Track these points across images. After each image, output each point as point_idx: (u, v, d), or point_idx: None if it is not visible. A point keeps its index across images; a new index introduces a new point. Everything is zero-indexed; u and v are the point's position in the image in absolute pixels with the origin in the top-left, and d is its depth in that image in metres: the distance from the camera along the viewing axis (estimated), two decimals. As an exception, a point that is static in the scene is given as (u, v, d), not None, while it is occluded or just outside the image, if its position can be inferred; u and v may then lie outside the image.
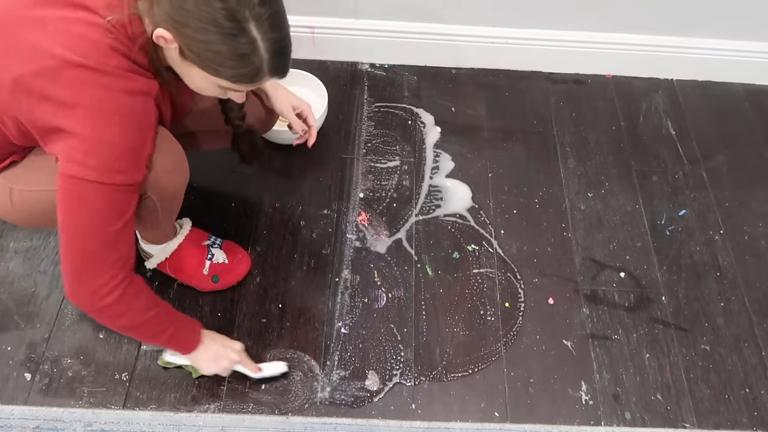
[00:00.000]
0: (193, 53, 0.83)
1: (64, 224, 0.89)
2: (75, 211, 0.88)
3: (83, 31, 0.82)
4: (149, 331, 1.03)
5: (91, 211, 0.88)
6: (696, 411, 1.23)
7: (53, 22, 0.82)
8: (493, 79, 1.77)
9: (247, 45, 0.82)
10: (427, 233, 1.44)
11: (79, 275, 0.91)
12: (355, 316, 1.30)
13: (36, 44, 0.82)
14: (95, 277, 0.91)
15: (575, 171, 1.59)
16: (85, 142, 0.83)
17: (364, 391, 1.21)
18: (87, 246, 0.89)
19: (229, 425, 1.15)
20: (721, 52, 1.75)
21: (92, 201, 0.87)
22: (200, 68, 0.85)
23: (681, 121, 1.72)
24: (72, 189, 0.86)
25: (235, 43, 0.81)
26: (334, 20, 1.68)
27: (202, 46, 0.82)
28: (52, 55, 0.81)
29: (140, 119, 0.88)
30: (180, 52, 0.85)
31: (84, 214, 0.88)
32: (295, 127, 1.29)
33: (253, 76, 0.87)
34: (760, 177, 1.62)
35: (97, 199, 0.87)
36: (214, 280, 1.28)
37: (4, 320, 1.25)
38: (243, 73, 0.85)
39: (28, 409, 1.15)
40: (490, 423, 1.19)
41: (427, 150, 1.60)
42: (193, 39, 0.81)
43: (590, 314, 1.35)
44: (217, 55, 0.82)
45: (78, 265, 0.91)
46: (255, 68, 0.85)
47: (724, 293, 1.40)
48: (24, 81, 0.82)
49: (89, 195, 0.86)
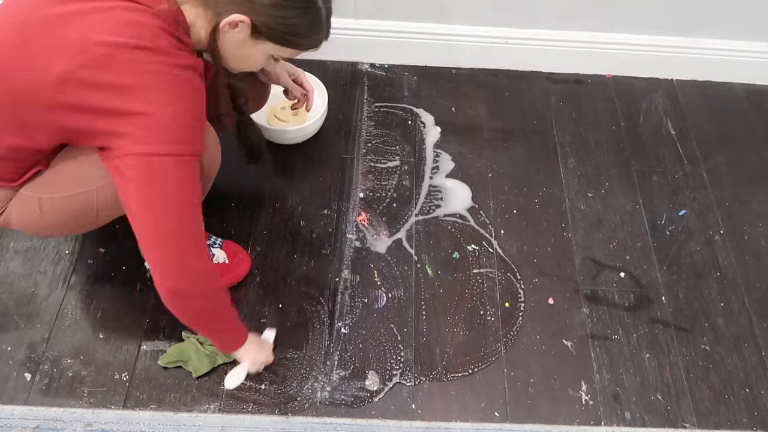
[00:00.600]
0: (272, 30, 0.92)
1: (151, 205, 0.87)
2: (162, 188, 0.87)
3: (128, 16, 0.84)
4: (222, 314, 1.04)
5: (179, 183, 0.88)
6: (696, 411, 1.23)
7: (93, 14, 0.84)
8: (493, 79, 1.78)
9: (317, 14, 0.93)
10: (427, 233, 1.44)
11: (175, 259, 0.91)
12: (355, 316, 1.31)
13: (82, 36, 0.83)
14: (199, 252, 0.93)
15: (575, 171, 1.59)
16: (155, 119, 0.84)
17: (364, 391, 1.21)
18: (182, 220, 0.90)
19: (229, 425, 1.15)
20: (721, 52, 1.75)
21: (176, 174, 0.87)
22: (275, 43, 0.94)
23: (681, 121, 1.72)
24: (152, 167, 0.86)
25: (310, 14, 0.92)
26: (334, 20, 1.64)
27: (283, 22, 0.91)
28: (102, 43, 0.82)
29: (197, 91, 0.91)
30: (252, 31, 0.91)
31: (173, 189, 0.87)
32: (293, 91, 1.33)
33: (317, 43, 0.99)
34: (760, 177, 1.62)
35: (180, 171, 0.87)
36: None
37: (4, 320, 1.25)
38: (315, 40, 0.98)
39: (28, 409, 1.15)
40: (490, 423, 1.19)
41: (427, 150, 1.60)
42: (272, 16, 0.90)
43: (590, 314, 1.35)
44: (296, 28, 0.93)
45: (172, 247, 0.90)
46: (321, 35, 0.97)
47: (724, 293, 1.40)
48: (74, 74, 0.82)
49: (172, 169, 0.86)
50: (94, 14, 0.84)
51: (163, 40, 0.86)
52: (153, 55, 0.84)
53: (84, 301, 1.28)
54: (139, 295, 1.30)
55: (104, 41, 0.82)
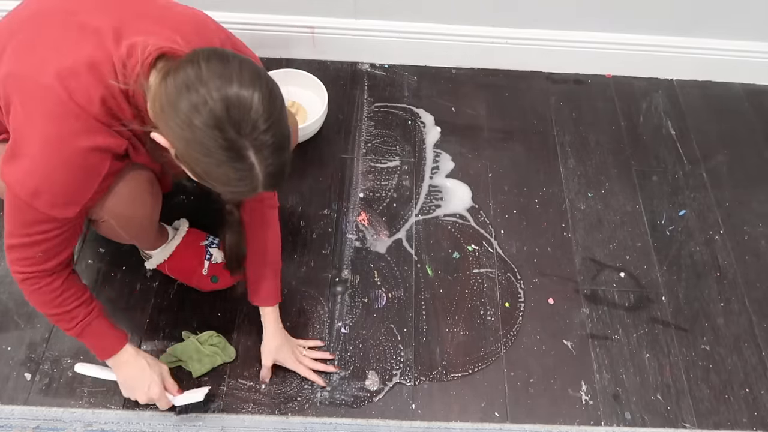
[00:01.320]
0: (189, 166, 0.82)
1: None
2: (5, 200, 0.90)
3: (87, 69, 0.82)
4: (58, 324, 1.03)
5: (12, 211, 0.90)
6: (696, 411, 1.23)
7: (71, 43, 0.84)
8: (493, 79, 1.77)
9: (244, 170, 0.79)
10: (427, 233, 1.44)
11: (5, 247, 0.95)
12: (355, 316, 1.30)
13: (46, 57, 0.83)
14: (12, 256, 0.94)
15: (575, 171, 1.59)
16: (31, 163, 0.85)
17: (364, 391, 1.21)
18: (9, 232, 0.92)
19: (229, 425, 1.15)
20: (721, 52, 1.75)
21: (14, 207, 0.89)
22: (196, 178, 0.84)
23: (681, 121, 1.72)
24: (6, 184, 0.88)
25: (231, 168, 0.78)
26: (334, 20, 1.68)
27: (199, 165, 0.80)
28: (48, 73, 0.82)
29: (88, 172, 0.88)
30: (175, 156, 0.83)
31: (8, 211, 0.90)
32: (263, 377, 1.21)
33: (247, 194, 0.85)
34: (760, 177, 1.62)
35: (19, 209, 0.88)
36: (213, 280, 1.27)
37: (4, 320, 1.25)
38: (236, 191, 0.84)
39: (28, 409, 1.15)
40: (490, 423, 1.19)
41: (427, 150, 1.60)
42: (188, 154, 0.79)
43: (590, 314, 1.35)
44: (212, 175, 0.80)
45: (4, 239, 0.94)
46: (250, 188, 0.82)
47: (724, 293, 1.40)
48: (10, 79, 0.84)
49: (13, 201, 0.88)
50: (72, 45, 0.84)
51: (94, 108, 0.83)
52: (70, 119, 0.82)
53: (84, 301, 1.28)
54: (139, 295, 1.30)
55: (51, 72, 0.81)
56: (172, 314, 1.28)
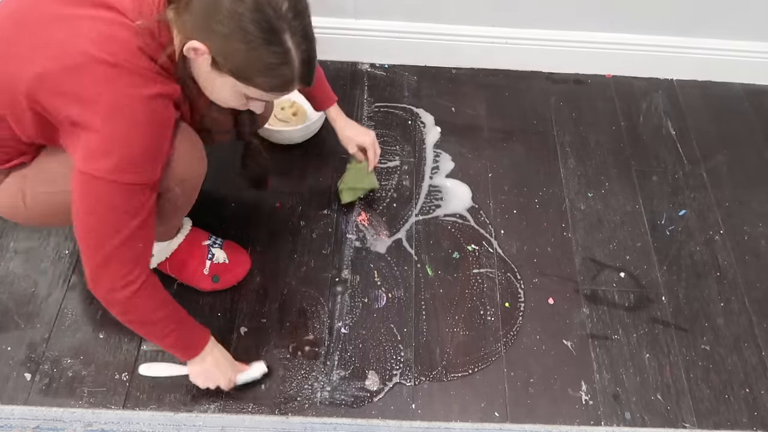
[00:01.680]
0: (229, 62, 0.85)
1: (81, 220, 0.90)
2: (92, 208, 0.88)
3: (113, 30, 0.84)
4: (155, 332, 1.03)
5: (108, 208, 0.88)
6: (696, 411, 1.23)
7: (82, 20, 0.83)
8: (493, 79, 1.77)
9: (282, 54, 0.85)
10: (427, 233, 1.44)
11: (95, 269, 0.92)
12: (355, 316, 1.30)
13: (64, 41, 0.83)
14: (111, 273, 0.92)
15: (575, 171, 1.59)
16: (104, 140, 0.85)
17: (364, 391, 1.21)
18: (103, 242, 0.90)
19: (229, 425, 1.15)
20: (721, 52, 1.75)
21: (108, 198, 0.88)
22: (234, 77, 0.87)
23: (681, 121, 1.72)
24: (89, 186, 0.87)
25: (271, 51, 0.84)
26: (334, 20, 1.68)
27: (240, 55, 0.84)
28: (81, 53, 0.82)
29: (159, 122, 0.89)
30: (213, 63, 0.86)
31: (101, 212, 0.89)
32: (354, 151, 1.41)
33: (284, 85, 0.90)
34: (760, 177, 1.62)
35: (113, 197, 0.88)
36: (214, 279, 1.28)
37: (4, 320, 1.25)
38: (276, 82, 0.88)
39: (28, 409, 1.15)
40: (490, 423, 1.19)
41: (427, 150, 1.60)
42: (229, 48, 0.83)
43: (590, 314, 1.35)
44: (254, 64, 0.85)
45: (95, 260, 0.91)
46: (288, 77, 0.88)
47: (724, 293, 1.40)
48: (49, 77, 0.83)
49: (106, 193, 0.87)
50: (84, 22, 0.83)
51: (141, 60, 0.85)
52: (123, 75, 0.83)
53: (84, 301, 1.28)
54: (139, 295, 1.30)
55: (82, 51, 0.82)
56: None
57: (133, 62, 0.84)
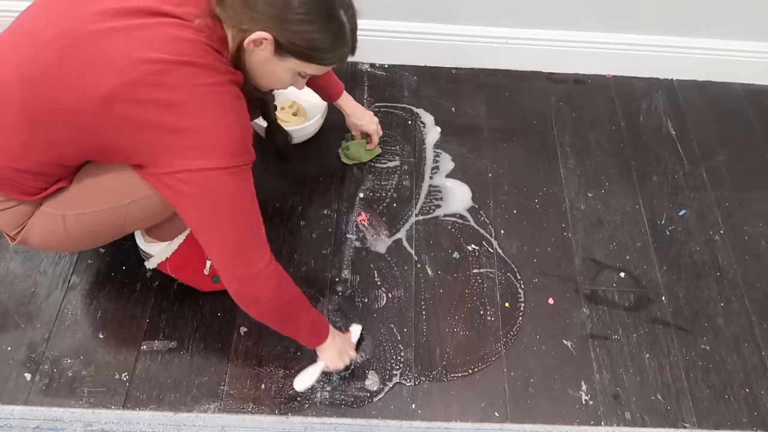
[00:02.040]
0: (295, 46, 0.90)
1: (210, 220, 0.91)
2: (216, 202, 0.90)
3: (175, 33, 0.85)
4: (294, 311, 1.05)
5: (235, 194, 0.91)
6: (696, 411, 1.23)
7: (138, 30, 0.84)
8: (493, 79, 1.78)
9: (340, 28, 0.92)
10: (427, 233, 1.44)
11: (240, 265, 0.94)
12: (355, 316, 1.30)
13: (128, 54, 0.83)
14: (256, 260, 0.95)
15: (575, 171, 1.59)
16: (207, 134, 0.86)
17: (364, 391, 1.21)
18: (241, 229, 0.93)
19: (229, 425, 1.15)
20: (721, 52, 1.75)
21: (232, 186, 0.89)
22: (299, 59, 0.93)
23: (681, 121, 1.72)
24: (208, 181, 0.87)
25: (332, 29, 0.91)
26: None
27: (307, 36, 0.89)
28: (152, 60, 0.82)
29: (241, 104, 0.92)
30: (276, 49, 0.91)
31: (226, 203, 0.90)
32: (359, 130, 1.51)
33: (343, 57, 0.97)
34: (760, 177, 1.62)
35: (235, 183, 0.90)
36: (214, 280, 1.28)
37: (4, 320, 1.25)
38: (337, 56, 0.95)
39: (28, 409, 1.15)
40: (490, 423, 1.19)
41: (427, 150, 1.60)
42: (296, 32, 0.89)
43: (590, 314, 1.35)
44: (320, 43, 0.91)
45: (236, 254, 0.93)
46: (346, 50, 0.96)
47: (724, 293, 1.40)
48: (123, 91, 0.82)
49: (224, 182, 0.88)
50: (139, 31, 0.84)
51: (210, 55, 0.87)
52: (201, 71, 0.85)
53: (84, 301, 1.28)
54: (139, 295, 1.30)
55: (152, 58, 0.82)
56: (172, 314, 1.28)
57: (204, 58, 0.86)
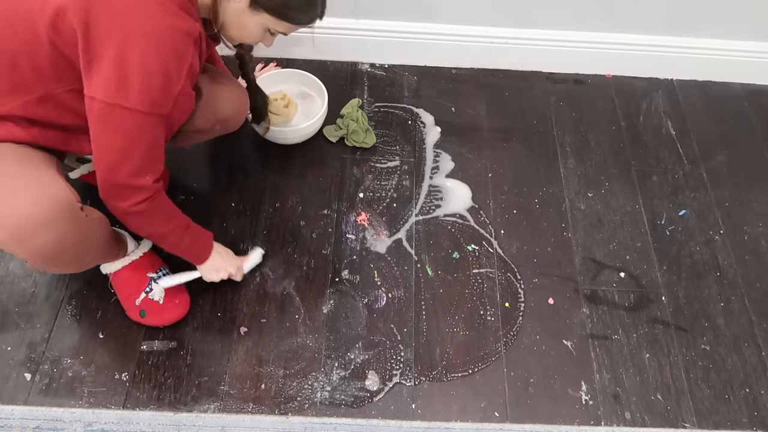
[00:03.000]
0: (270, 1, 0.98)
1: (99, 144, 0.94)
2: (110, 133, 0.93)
3: None
4: (169, 242, 1.13)
5: (124, 134, 0.93)
6: (696, 411, 1.23)
7: None
8: (493, 79, 1.78)
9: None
10: (427, 233, 1.44)
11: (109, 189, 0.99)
12: (355, 316, 1.30)
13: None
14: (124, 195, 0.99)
15: (575, 171, 1.59)
16: (124, 69, 0.87)
17: (364, 391, 1.21)
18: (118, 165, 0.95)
19: (229, 425, 1.15)
20: (721, 52, 1.75)
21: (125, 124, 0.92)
22: (271, 15, 1.00)
23: (681, 121, 1.72)
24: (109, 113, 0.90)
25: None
26: (334, 20, 1.68)
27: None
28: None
29: (179, 55, 0.92)
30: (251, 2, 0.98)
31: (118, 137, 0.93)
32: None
33: (312, 19, 1.04)
34: (760, 177, 1.62)
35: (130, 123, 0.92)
36: (141, 314, 1.23)
37: (4, 320, 1.25)
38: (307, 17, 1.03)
39: (28, 409, 1.15)
40: (490, 423, 1.19)
41: (427, 150, 1.60)
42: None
43: (590, 314, 1.35)
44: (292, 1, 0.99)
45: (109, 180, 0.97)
46: (316, 12, 1.03)
47: (724, 293, 1.40)
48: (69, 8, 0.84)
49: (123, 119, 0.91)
50: None
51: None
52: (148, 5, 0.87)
53: (84, 301, 1.28)
54: (139, 295, 1.30)
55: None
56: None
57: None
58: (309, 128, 1.52)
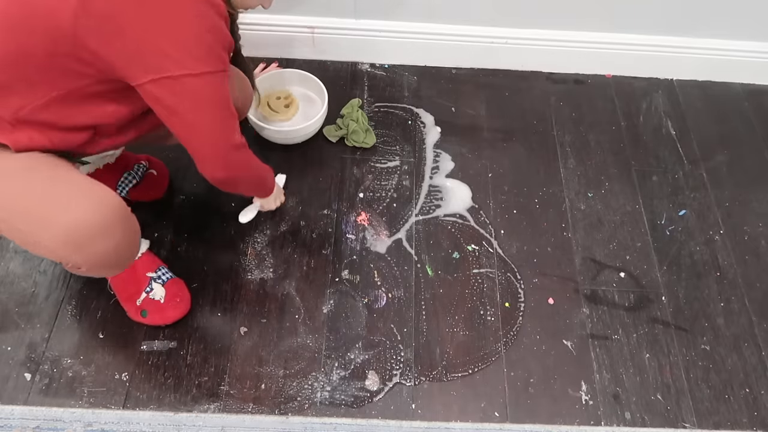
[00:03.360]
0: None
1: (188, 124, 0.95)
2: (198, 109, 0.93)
3: None
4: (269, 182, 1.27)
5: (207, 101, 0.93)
6: (696, 411, 1.23)
7: None
8: (493, 79, 1.78)
9: None
10: (427, 233, 1.44)
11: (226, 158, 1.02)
12: (355, 316, 1.30)
13: None
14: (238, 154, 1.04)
15: (575, 171, 1.59)
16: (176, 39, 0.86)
17: (364, 391, 1.21)
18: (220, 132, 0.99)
19: (229, 425, 1.15)
20: (721, 52, 1.75)
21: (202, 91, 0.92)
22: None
23: (681, 121, 1.72)
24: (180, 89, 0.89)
25: None
26: (334, 20, 1.68)
27: None
28: None
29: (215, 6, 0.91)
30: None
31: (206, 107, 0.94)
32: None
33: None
34: (760, 177, 1.62)
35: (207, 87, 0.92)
36: (142, 314, 1.23)
37: (4, 320, 1.25)
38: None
39: (28, 409, 1.15)
40: (490, 423, 1.19)
41: (427, 150, 1.60)
42: None
43: (590, 314, 1.35)
44: None
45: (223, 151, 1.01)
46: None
47: (724, 293, 1.40)
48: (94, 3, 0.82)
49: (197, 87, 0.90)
50: None
51: None
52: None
53: (84, 301, 1.28)
54: (139, 295, 1.30)
55: None
56: (172, 314, 1.28)
57: None
58: (309, 128, 1.52)
